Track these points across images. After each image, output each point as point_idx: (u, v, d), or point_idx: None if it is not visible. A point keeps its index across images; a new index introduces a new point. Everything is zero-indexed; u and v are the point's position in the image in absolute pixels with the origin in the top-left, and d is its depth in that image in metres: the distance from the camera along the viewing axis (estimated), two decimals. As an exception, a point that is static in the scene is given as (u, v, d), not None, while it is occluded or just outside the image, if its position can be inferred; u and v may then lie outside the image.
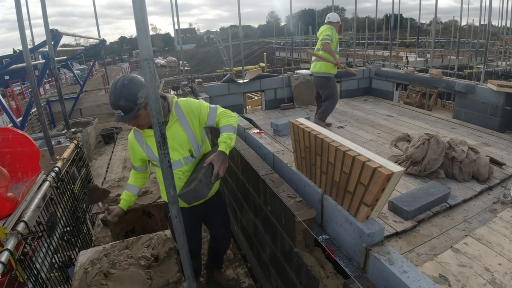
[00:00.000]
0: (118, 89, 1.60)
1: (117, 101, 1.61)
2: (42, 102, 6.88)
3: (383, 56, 13.93)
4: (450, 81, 5.19)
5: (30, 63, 2.55)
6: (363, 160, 1.37)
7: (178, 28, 7.32)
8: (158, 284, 1.77)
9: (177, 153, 1.88)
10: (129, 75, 1.69)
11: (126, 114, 1.64)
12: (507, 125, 4.49)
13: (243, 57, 7.87)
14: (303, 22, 37.68)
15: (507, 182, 3.08)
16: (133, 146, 1.93)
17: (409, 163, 3.28)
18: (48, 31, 3.37)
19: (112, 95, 1.61)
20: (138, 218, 2.81)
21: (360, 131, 4.80)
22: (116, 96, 1.61)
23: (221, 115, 1.95)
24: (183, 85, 6.46)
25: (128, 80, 1.63)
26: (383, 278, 1.32)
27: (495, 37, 15.60)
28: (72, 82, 22.78)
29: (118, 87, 1.61)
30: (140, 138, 1.88)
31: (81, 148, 3.42)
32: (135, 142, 1.90)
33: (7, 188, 1.90)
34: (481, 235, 2.26)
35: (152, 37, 26.65)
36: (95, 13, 7.89)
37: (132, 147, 1.94)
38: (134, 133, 1.90)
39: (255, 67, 12.56)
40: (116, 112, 1.65)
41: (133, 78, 1.66)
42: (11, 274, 1.62)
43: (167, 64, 31.46)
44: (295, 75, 6.65)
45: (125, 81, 1.62)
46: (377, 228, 1.42)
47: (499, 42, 14.57)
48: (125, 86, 1.61)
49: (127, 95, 1.61)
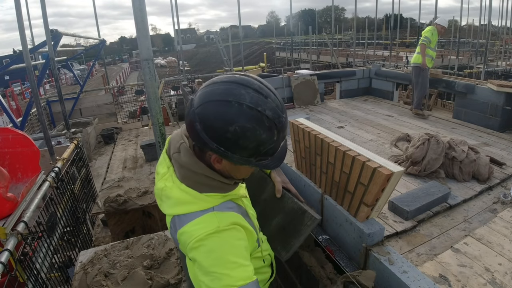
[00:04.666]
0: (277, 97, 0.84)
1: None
2: (42, 102, 6.88)
3: (383, 56, 13.95)
4: (450, 81, 5.19)
5: (30, 64, 2.55)
6: (363, 160, 1.37)
7: (178, 28, 7.33)
8: (159, 285, 1.77)
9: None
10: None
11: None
12: (507, 125, 4.49)
13: (243, 57, 7.88)
14: (303, 22, 37.77)
15: (507, 182, 3.08)
16: (243, 235, 0.92)
17: (409, 163, 3.28)
18: (48, 31, 3.38)
19: (281, 109, 0.83)
20: (138, 218, 2.81)
21: (360, 131, 4.80)
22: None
23: None
24: (183, 85, 6.46)
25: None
26: (383, 278, 1.32)
27: (495, 37, 15.60)
28: (72, 82, 22.80)
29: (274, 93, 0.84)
30: (240, 210, 1.00)
31: (81, 148, 3.43)
32: (241, 219, 0.95)
33: (7, 188, 1.90)
34: (481, 235, 2.25)
35: (152, 37, 26.59)
36: (95, 13, 7.89)
37: (243, 238, 0.92)
38: (231, 209, 0.94)
39: (255, 67, 12.57)
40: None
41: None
42: (11, 274, 1.62)
43: (167, 64, 31.48)
44: (295, 75, 6.66)
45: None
46: (377, 228, 1.42)
47: (499, 42, 14.58)
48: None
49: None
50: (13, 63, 4.52)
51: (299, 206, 1.22)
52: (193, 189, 0.89)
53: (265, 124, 0.78)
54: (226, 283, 0.79)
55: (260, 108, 0.77)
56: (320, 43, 21.64)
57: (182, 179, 0.90)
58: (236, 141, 0.78)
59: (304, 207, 1.21)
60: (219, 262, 0.81)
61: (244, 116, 0.76)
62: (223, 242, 0.83)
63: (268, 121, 0.78)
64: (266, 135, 0.79)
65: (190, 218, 0.86)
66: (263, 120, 0.78)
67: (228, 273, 0.80)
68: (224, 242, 0.83)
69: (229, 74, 0.85)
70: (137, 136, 7.04)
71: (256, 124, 0.77)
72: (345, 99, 6.98)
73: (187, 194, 0.89)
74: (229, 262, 0.81)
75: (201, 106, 0.79)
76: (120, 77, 25.12)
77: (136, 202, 2.71)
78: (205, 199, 0.89)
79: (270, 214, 1.29)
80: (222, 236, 0.83)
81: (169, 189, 0.92)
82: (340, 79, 6.98)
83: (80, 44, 25.76)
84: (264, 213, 1.29)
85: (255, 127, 0.77)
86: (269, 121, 0.78)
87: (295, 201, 1.24)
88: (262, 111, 0.77)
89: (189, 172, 0.89)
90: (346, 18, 57.60)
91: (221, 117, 0.76)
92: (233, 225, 0.87)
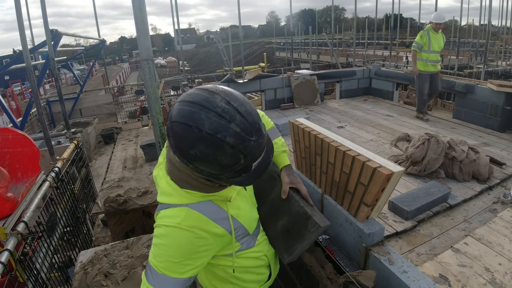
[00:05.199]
0: (248, 107, 0.82)
1: (259, 122, 0.83)
2: (42, 102, 6.88)
3: (383, 56, 13.95)
4: (450, 81, 5.19)
5: (30, 64, 2.55)
6: (363, 160, 1.37)
7: (178, 28, 7.33)
8: (158, 284, 1.76)
9: (254, 206, 1.20)
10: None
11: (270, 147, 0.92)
12: (507, 125, 4.49)
13: (243, 57, 7.88)
14: (303, 22, 37.75)
15: (507, 182, 3.08)
16: (201, 240, 0.94)
17: (409, 163, 3.28)
18: (48, 31, 3.38)
19: (250, 115, 0.80)
20: (138, 218, 2.81)
21: (360, 131, 4.80)
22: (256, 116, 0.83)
23: (262, 115, 1.30)
24: (183, 85, 6.47)
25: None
26: (383, 278, 1.32)
27: (495, 37, 15.59)
28: (72, 82, 22.80)
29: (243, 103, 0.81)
30: (220, 213, 1.00)
31: (81, 148, 3.43)
32: (210, 224, 0.96)
33: (7, 188, 1.90)
34: (481, 235, 2.25)
35: (152, 37, 26.58)
36: (95, 13, 7.89)
37: (199, 243, 0.94)
38: (205, 212, 0.96)
39: (255, 67, 12.58)
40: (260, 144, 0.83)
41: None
42: (11, 274, 1.62)
43: (167, 64, 31.51)
44: (295, 75, 6.66)
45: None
46: (377, 228, 1.42)
47: (499, 42, 14.57)
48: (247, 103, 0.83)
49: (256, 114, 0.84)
50: (13, 63, 4.52)
51: (304, 211, 1.19)
52: (175, 183, 0.95)
53: (227, 151, 0.77)
54: (155, 259, 0.91)
55: (219, 135, 0.75)
56: (320, 43, 21.64)
57: (168, 172, 0.97)
58: (201, 163, 0.80)
59: (309, 212, 1.18)
60: (161, 248, 0.91)
61: (203, 142, 0.76)
62: (174, 238, 0.90)
63: (230, 147, 0.76)
64: (229, 160, 0.79)
65: (165, 207, 0.95)
66: (224, 146, 0.76)
67: (160, 259, 0.91)
68: (174, 239, 0.90)
69: (199, 89, 0.81)
70: (137, 136, 7.04)
71: (216, 150, 0.76)
72: (345, 99, 6.98)
73: (169, 187, 0.96)
74: (166, 255, 0.90)
75: (170, 124, 0.80)
76: (120, 77, 25.12)
77: (136, 202, 2.71)
78: (183, 194, 0.94)
79: (276, 215, 1.27)
80: (175, 232, 0.90)
81: (159, 178, 1.01)
82: (340, 79, 6.98)
83: (80, 44, 25.76)
84: (270, 213, 1.29)
85: (215, 153, 0.77)
86: (231, 147, 0.76)
87: (301, 205, 1.21)
88: (222, 138, 0.75)
89: (174, 168, 0.94)
90: (346, 18, 57.60)
91: (183, 140, 0.78)
92: (192, 228, 0.91)
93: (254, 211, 1.18)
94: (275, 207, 1.29)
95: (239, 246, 1.10)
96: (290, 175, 1.28)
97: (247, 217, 1.10)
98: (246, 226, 1.09)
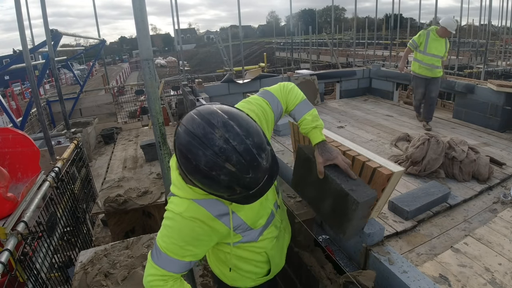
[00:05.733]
0: (249, 126, 0.83)
1: (263, 143, 0.84)
2: (42, 102, 6.88)
3: (383, 56, 13.93)
4: (450, 81, 5.19)
5: (30, 63, 2.55)
6: (363, 160, 1.37)
7: (178, 28, 7.33)
8: (158, 284, 1.77)
9: (269, 201, 1.20)
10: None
11: (274, 167, 0.92)
12: (507, 125, 4.49)
13: (243, 57, 7.88)
14: (303, 22, 37.75)
15: (507, 182, 3.08)
16: (200, 230, 1.00)
17: (409, 163, 3.28)
18: (48, 31, 3.38)
19: (249, 153, 0.79)
20: (138, 218, 2.81)
21: (360, 131, 4.80)
22: (259, 134, 0.84)
23: (284, 93, 1.28)
24: (183, 85, 6.47)
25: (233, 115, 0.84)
26: (383, 278, 1.32)
27: (495, 37, 15.59)
28: (72, 82, 22.79)
29: (243, 123, 0.82)
30: (222, 209, 1.03)
31: (81, 148, 3.42)
32: (210, 218, 1.01)
33: (7, 188, 1.90)
34: (481, 235, 2.25)
35: (152, 37, 26.56)
36: (95, 13, 7.89)
37: (199, 232, 1.00)
38: (208, 207, 1.00)
39: (255, 67, 12.57)
40: (263, 167, 0.83)
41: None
42: (11, 274, 1.62)
43: (167, 64, 31.49)
44: (295, 75, 6.65)
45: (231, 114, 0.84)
46: (377, 228, 1.42)
47: (499, 42, 14.56)
48: (248, 122, 0.85)
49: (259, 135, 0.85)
50: (13, 63, 4.52)
51: (341, 188, 1.14)
52: (182, 178, 1.01)
53: (222, 184, 0.81)
54: (161, 239, 1.00)
55: (214, 173, 0.79)
56: (320, 43, 21.63)
57: (178, 167, 1.03)
58: (200, 185, 0.86)
59: (346, 188, 1.12)
60: (167, 230, 1.00)
61: (200, 174, 0.81)
62: (177, 224, 0.98)
63: (225, 182, 0.80)
64: (224, 191, 0.85)
65: (173, 194, 1.03)
66: (219, 181, 0.80)
67: (165, 240, 0.99)
68: (178, 225, 0.98)
69: (202, 117, 0.81)
70: (137, 136, 7.04)
71: (212, 182, 0.82)
72: (345, 99, 6.98)
73: (176, 180, 1.03)
74: (171, 237, 0.99)
75: (174, 143, 0.87)
76: (120, 77, 25.11)
77: (136, 202, 2.71)
78: (188, 190, 1.00)
79: (322, 196, 1.24)
80: (178, 220, 0.98)
81: (172, 169, 1.08)
82: (340, 79, 6.98)
83: (80, 44, 25.78)
84: (317, 194, 1.28)
85: (211, 184, 0.83)
86: (226, 182, 0.80)
87: (338, 182, 1.15)
88: (216, 176, 0.79)
89: (180, 170, 0.99)
90: (346, 18, 57.58)
91: (183, 165, 0.85)
92: (193, 219, 0.98)
93: (263, 207, 1.16)
94: (318, 188, 1.27)
95: (240, 238, 1.13)
96: (323, 153, 1.21)
97: (252, 214, 1.11)
98: (249, 223, 1.11)
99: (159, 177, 3.11)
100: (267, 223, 1.19)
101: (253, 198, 0.90)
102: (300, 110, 1.27)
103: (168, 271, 0.99)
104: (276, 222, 1.24)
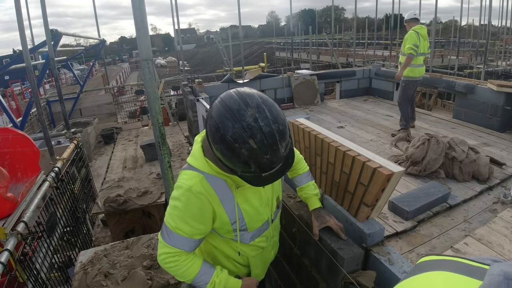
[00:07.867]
0: (276, 112, 0.90)
1: (286, 133, 0.91)
2: (42, 102, 6.89)
3: (383, 56, 13.93)
4: (450, 81, 5.19)
5: (30, 63, 2.55)
6: (363, 160, 1.37)
7: (178, 28, 7.33)
8: (159, 285, 1.77)
9: (267, 208, 1.22)
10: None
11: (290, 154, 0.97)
12: (507, 125, 4.49)
13: (243, 57, 7.88)
14: (303, 22, 37.79)
15: (507, 182, 3.08)
16: (205, 207, 1.06)
17: (409, 163, 3.28)
18: (48, 31, 3.37)
19: (272, 137, 0.85)
20: (138, 218, 2.81)
21: (360, 131, 4.80)
22: (284, 124, 0.91)
23: (300, 158, 1.44)
24: (183, 85, 6.46)
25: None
26: (383, 278, 1.32)
27: (495, 37, 15.59)
28: (72, 82, 22.80)
29: (270, 107, 0.89)
30: (227, 195, 1.09)
31: (81, 148, 3.42)
32: (216, 200, 1.07)
33: (7, 188, 1.90)
34: (481, 235, 2.25)
35: (151, 37, 26.58)
36: (95, 13, 7.90)
37: (204, 209, 1.06)
38: (216, 188, 1.07)
39: (255, 67, 12.57)
40: (281, 154, 0.89)
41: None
42: (11, 274, 1.62)
43: (167, 64, 31.49)
44: (295, 75, 6.65)
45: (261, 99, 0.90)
46: (377, 228, 1.42)
47: (499, 42, 14.58)
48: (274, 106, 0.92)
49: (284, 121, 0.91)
50: (13, 63, 4.52)
51: (331, 248, 1.34)
52: (203, 150, 1.08)
53: (241, 158, 0.87)
54: (170, 219, 1.05)
55: (237, 145, 0.85)
56: (320, 43, 21.63)
57: (202, 140, 1.10)
58: (220, 155, 0.91)
59: (335, 248, 1.31)
60: (176, 209, 1.04)
61: (224, 144, 0.87)
62: (184, 201, 1.03)
63: (244, 157, 0.86)
64: (241, 165, 0.89)
65: (187, 168, 1.09)
66: (239, 155, 0.86)
67: (175, 219, 1.04)
68: (184, 202, 1.03)
69: (240, 95, 0.88)
70: (137, 136, 7.04)
71: (232, 154, 0.87)
72: (345, 99, 6.98)
73: (197, 151, 1.09)
74: (180, 216, 1.03)
75: (208, 115, 0.92)
76: (120, 77, 25.11)
77: (136, 202, 2.71)
78: (204, 162, 1.06)
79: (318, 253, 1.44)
80: (187, 196, 1.03)
81: (196, 142, 1.12)
82: (340, 79, 6.98)
83: (80, 44, 25.78)
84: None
85: (231, 156, 0.88)
86: (245, 157, 0.86)
87: (328, 242, 1.36)
88: (238, 148, 0.85)
89: (206, 138, 1.01)
90: (346, 18, 57.63)
91: (212, 133, 0.90)
92: (200, 195, 1.03)
93: (262, 211, 1.19)
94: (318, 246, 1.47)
95: (233, 236, 1.16)
96: (318, 218, 1.40)
97: (251, 212, 1.14)
98: (247, 220, 1.13)
99: (159, 177, 3.11)
100: (260, 229, 1.22)
101: (262, 181, 0.95)
102: (306, 176, 1.45)
103: (180, 248, 1.06)
104: (268, 233, 1.29)
